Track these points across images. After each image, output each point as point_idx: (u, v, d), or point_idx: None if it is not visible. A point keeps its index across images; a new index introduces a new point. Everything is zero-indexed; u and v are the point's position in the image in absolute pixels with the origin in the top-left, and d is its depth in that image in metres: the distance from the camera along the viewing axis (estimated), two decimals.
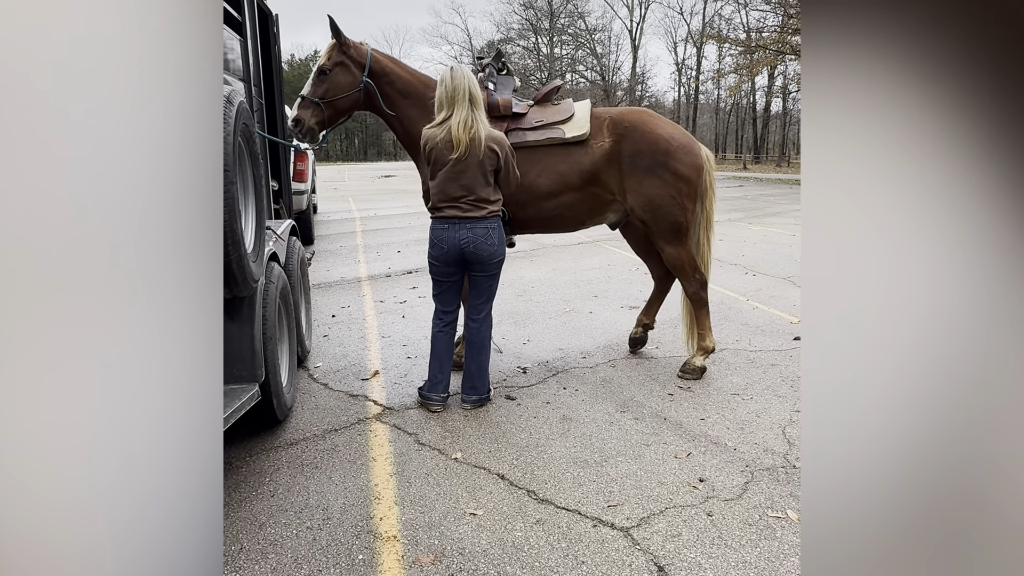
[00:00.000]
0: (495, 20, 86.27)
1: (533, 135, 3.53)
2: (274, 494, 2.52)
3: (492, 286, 3.30)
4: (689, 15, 57.86)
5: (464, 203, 3.09)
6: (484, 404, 3.33)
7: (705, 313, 3.73)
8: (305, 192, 8.48)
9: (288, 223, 4.08)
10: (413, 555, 2.14)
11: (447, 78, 3.04)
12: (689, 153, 3.54)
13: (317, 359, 4.13)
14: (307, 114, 3.46)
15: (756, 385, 3.60)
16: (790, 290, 5.89)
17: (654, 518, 2.33)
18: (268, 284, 2.96)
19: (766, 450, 2.83)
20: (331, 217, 12.75)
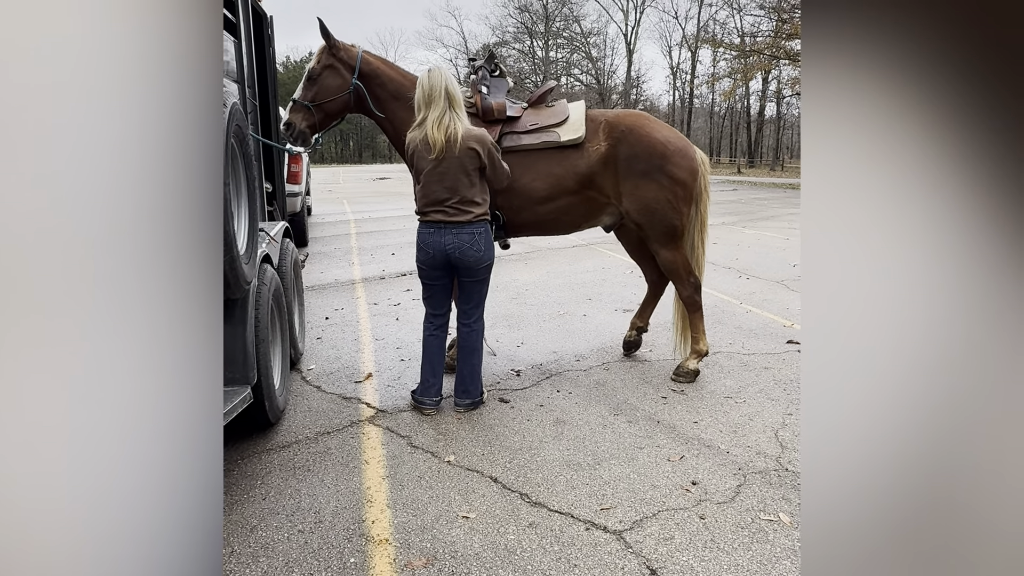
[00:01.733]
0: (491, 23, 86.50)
1: (528, 139, 3.52)
2: (266, 497, 2.51)
3: (482, 291, 3.29)
4: (684, 19, 58.07)
5: (449, 206, 3.06)
6: (477, 407, 3.32)
7: (699, 316, 3.74)
8: (299, 194, 8.46)
9: (282, 225, 4.07)
10: (405, 558, 2.13)
11: (424, 79, 3.03)
12: (685, 157, 3.54)
13: (310, 361, 4.12)
14: (298, 118, 3.45)
15: (749, 388, 3.61)
16: (783, 294, 5.92)
17: (647, 521, 2.33)
18: (261, 286, 2.95)
19: (759, 453, 2.84)
20: (325, 219, 12.72)
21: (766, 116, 45.80)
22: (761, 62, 31.84)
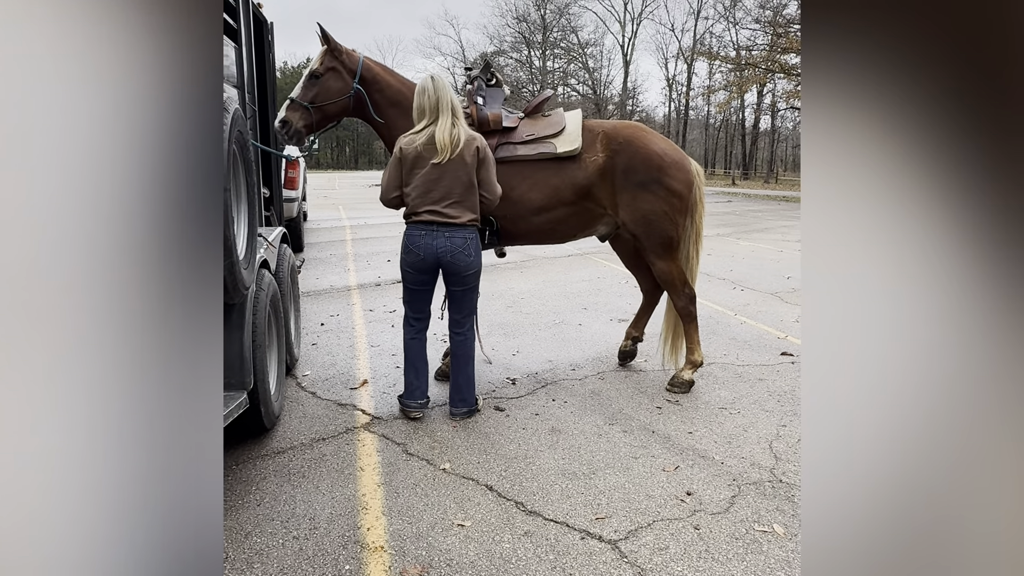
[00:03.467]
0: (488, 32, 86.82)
1: (524, 149, 3.53)
2: (260, 503, 2.50)
3: (472, 299, 3.28)
4: (680, 32, 58.50)
5: (444, 208, 3.07)
6: (472, 415, 3.33)
7: (694, 327, 3.76)
8: (296, 199, 8.46)
9: (279, 230, 4.07)
10: (400, 566, 2.13)
11: (429, 88, 3.05)
12: (682, 169, 3.57)
13: (306, 367, 4.11)
14: (295, 116, 3.45)
15: (744, 399, 3.62)
16: (778, 305, 5.95)
17: (642, 531, 2.34)
18: (259, 291, 2.95)
19: (753, 464, 2.85)
20: (321, 225, 12.72)
21: (761, 129, 46.10)
22: (756, 75, 32.08)
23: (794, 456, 2.93)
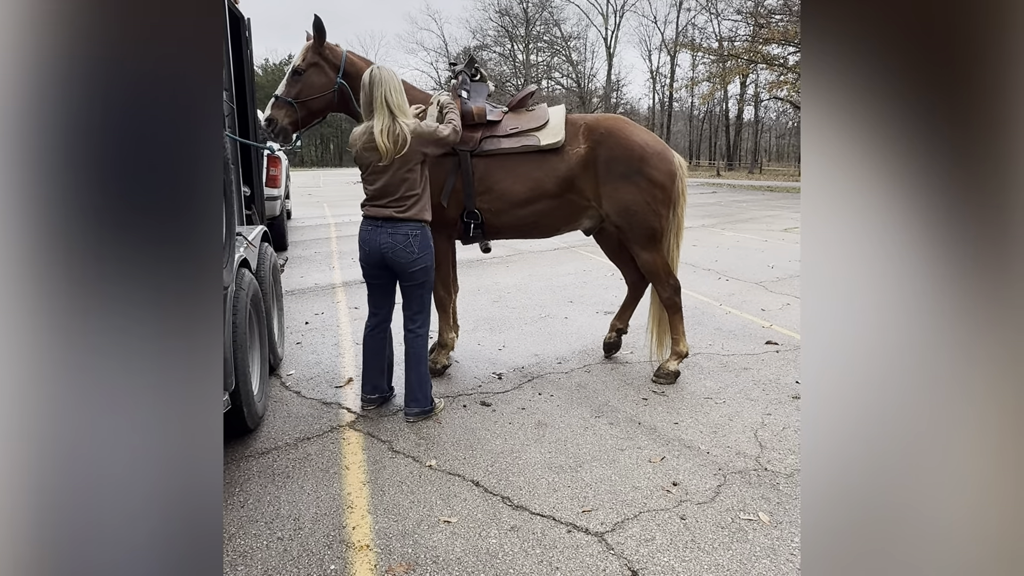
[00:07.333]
0: (471, 27, 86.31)
1: (508, 142, 3.53)
2: (244, 504, 2.48)
3: (423, 296, 3.24)
4: (663, 24, 58.68)
5: (386, 203, 3.06)
6: (428, 415, 3.26)
7: (679, 318, 3.77)
8: (279, 198, 8.39)
9: (260, 229, 4.03)
10: (386, 564, 2.12)
11: (365, 83, 3.00)
12: (664, 160, 3.57)
13: (290, 367, 4.08)
14: (280, 114, 3.43)
15: (729, 389, 3.64)
16: (762, 295, 5.98)
17: (628, 522, 2.34)
18: (239, 291, 2.92)
19: (738, 453, 2.86)
20: (305, 223, 12.62)
21: (744, 119, 46.34)
22: (739, 66, 32.22)
23: (779, 444, 2.95)
